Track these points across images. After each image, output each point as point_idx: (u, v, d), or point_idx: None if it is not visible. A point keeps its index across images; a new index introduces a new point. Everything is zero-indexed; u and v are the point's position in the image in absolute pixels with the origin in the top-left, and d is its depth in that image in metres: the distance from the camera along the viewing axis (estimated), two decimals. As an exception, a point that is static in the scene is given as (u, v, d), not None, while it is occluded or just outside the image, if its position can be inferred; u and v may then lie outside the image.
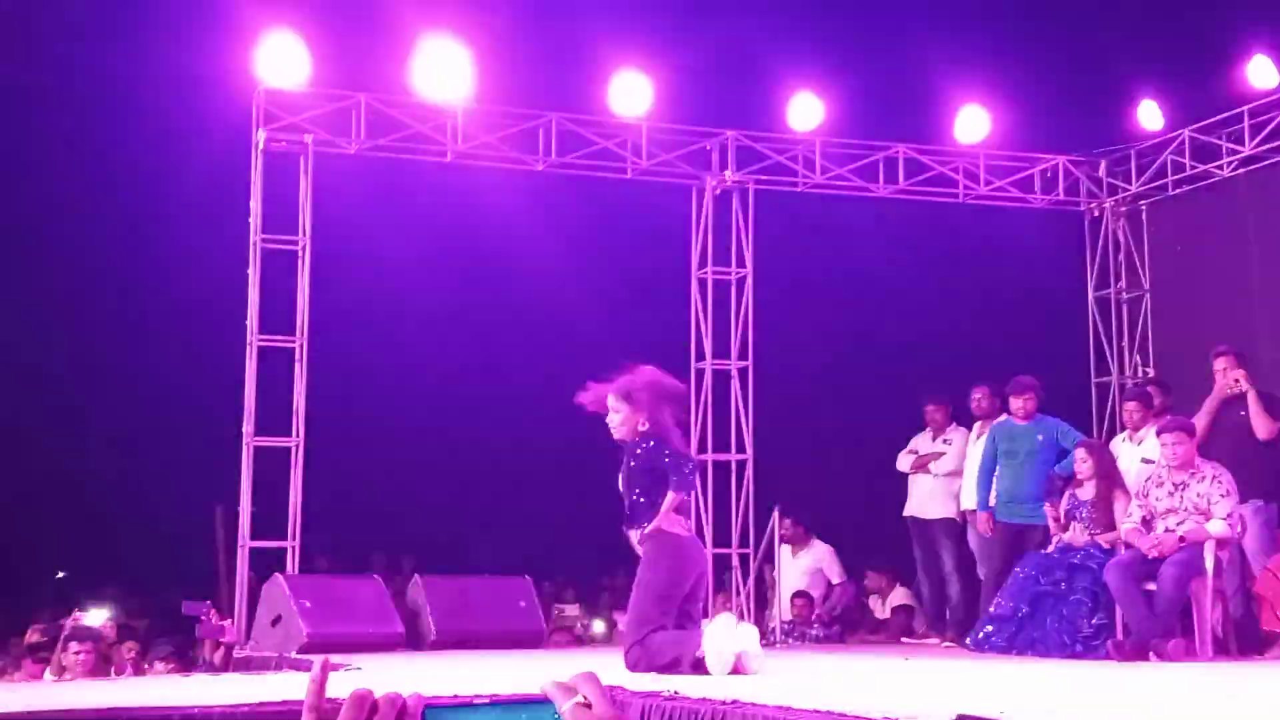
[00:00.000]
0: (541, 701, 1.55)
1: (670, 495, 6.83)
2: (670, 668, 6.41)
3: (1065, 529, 9.18)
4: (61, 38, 14.19)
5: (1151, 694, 5.84)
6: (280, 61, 10.32)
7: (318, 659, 1.59)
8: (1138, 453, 9.85)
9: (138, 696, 5.45)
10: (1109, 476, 9.17)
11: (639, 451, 6.89)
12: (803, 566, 11.86)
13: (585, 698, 1.51)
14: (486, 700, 5.26)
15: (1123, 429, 10.37)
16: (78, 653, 8.41)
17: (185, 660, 9.36)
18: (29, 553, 16.95)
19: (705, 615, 11.45)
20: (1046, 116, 12.56)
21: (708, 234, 11.44)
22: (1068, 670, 7.38)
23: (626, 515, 6.98)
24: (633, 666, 6.54)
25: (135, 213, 14.98)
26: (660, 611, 6.79)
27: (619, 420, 6.94)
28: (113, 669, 8.85)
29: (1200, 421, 9.15)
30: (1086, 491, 9.15)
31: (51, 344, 16.09)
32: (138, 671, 9.07)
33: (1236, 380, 9.29)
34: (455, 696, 5.08)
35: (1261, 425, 9.17)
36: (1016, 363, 10.73)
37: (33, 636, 9.69)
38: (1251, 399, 9.21)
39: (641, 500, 6.87)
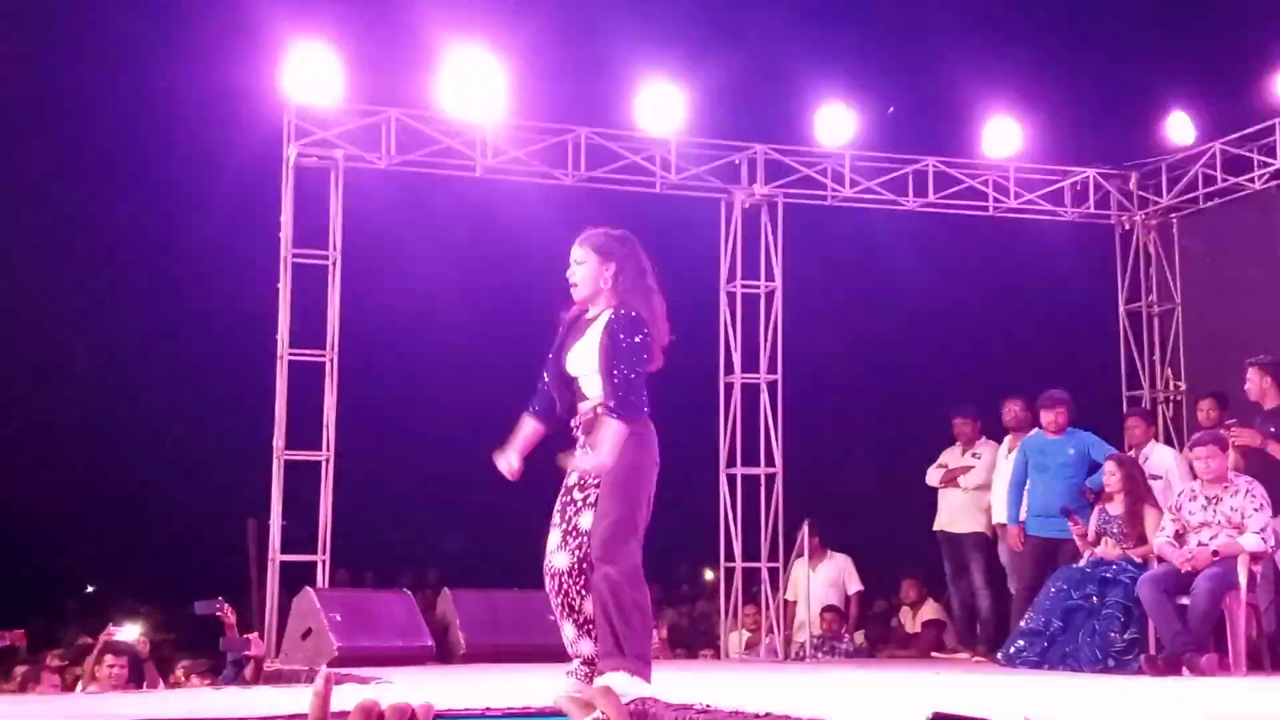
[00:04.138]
0: (554, 714, 1.53)
1: (615, 427, 5.45)
2: (624, 643, 5.32)
3: (1095, 543, 9.14)
4: (95, 54, 14.29)
5: (1184, 708, 5.80)
6: (311, 77, 10.38)
7: (321, 673, 1.58)
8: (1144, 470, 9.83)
9: (170, 708, 5.47)
10: (1138, 491, 9.14)
11: (619, 320, 5.61)
12: (825, 579, 11.83)
13: (603, 713, 1.49)
14: (499, 713, 5.27)
15: (1130, 447, 10.31)
16: (112, 666, 8.46)
17: (216, 672, 9.39)
18: (59, 567, 17.03)
19: (736, 625, 11.53)
20: (1077, 129, 12.53)
21: (737, 248, 11.44)
22: (1099, 684, 7.34)
23: (586, 400, 5.62)
24: (610, 590, 5.33)
25: (166, 227, 15.07)
26: (641, 522, 5.50)
27: (583, 273, 5.78)
28: (145, 683, 8.88)
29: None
30: (1116, 507, 9.11)
31: (82, 359, 16.18)
32: (167, 685, 9.11)
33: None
34: (466, 709, 5.08)
35: None
36: (1047, 376, 10.69)
37: (52, 661, 9.76)
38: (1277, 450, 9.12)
39: (632, 376, 5.52)
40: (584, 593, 5.52)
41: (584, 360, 5.61)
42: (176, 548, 16.05)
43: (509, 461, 5.80)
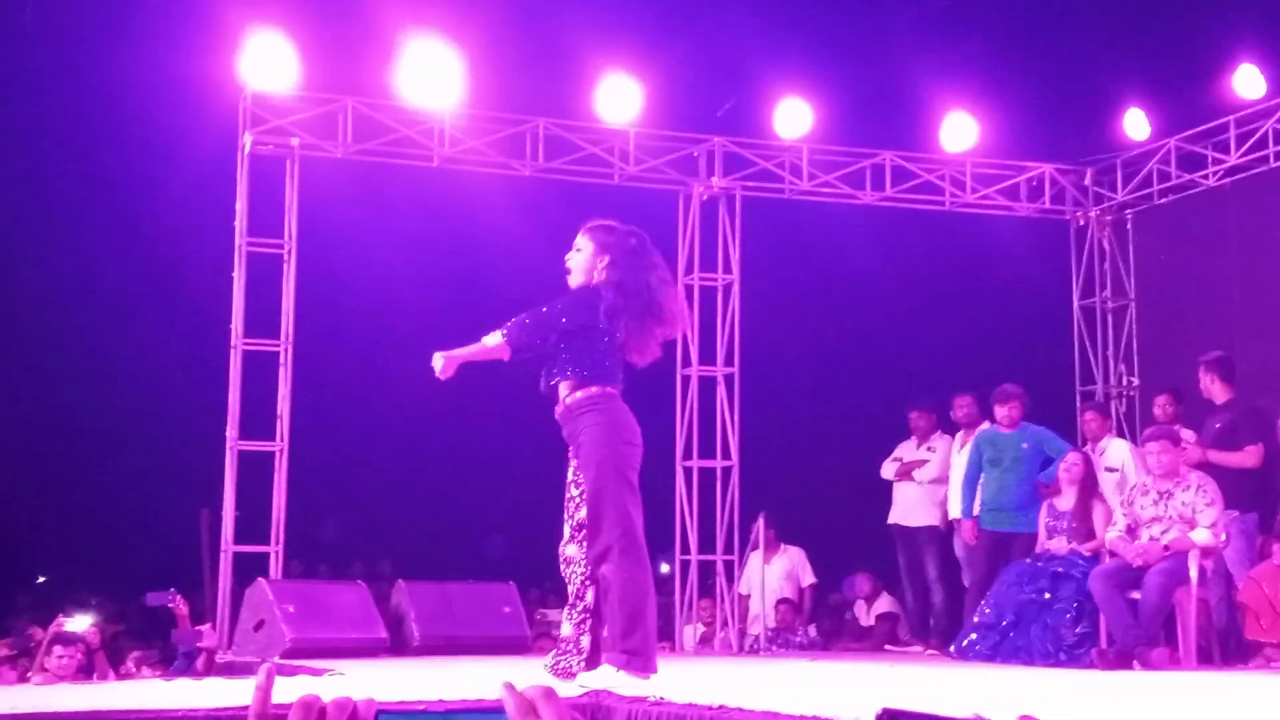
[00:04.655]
0: (494, 710, 1.51)
1: (495, 336, 5.76)
2: (629, 632, 5.52)
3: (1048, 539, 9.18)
4: (46, 39, 14.14)
5: (1134, 701, 5.84)
6: (267, 65, 10.31)
7: (263, 666, 1.56)
8: (1100, 463, 9.91)
9: (120, 700, 5.42)
10: (1091, 486, 9.20)
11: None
12: (779, 572, 11.86)
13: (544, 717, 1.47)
14: (440, 709, 5.25)
15: (1084, 441, 10.39)
16: (61, 656, 8.39)
17: (167, 663, 9.33)
18: (8, 557, 16.87)
19: (691, 618, 11.54)
20: (1033, 125, 12.58)
21: (695, 240, 11.45)
22: (1050, 677, 7.38)
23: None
24: (611, 585, 5.51)
25: (120, 215, 14.94)
26: (629, 505, 5.64)
27: (578, 260, 5.95)
28: (96, 674, 8.81)
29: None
30: (1065, 502, 9.16)
31: (34, 347, 16.02)
32: (118, 676, 9.04)
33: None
34: (405, 702, 5.06)
35: (1241, 461, 9.21)
36: (1001, 371, 10.74)
37: (1, 650, 9.68)
38: (1219, 457, 9.20)
39: (563, 353, 5.78)
40: (587, 583, 5.71)
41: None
42: (129, 538, 15.92)
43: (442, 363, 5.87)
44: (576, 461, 5.77)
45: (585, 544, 5.69)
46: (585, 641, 5.74)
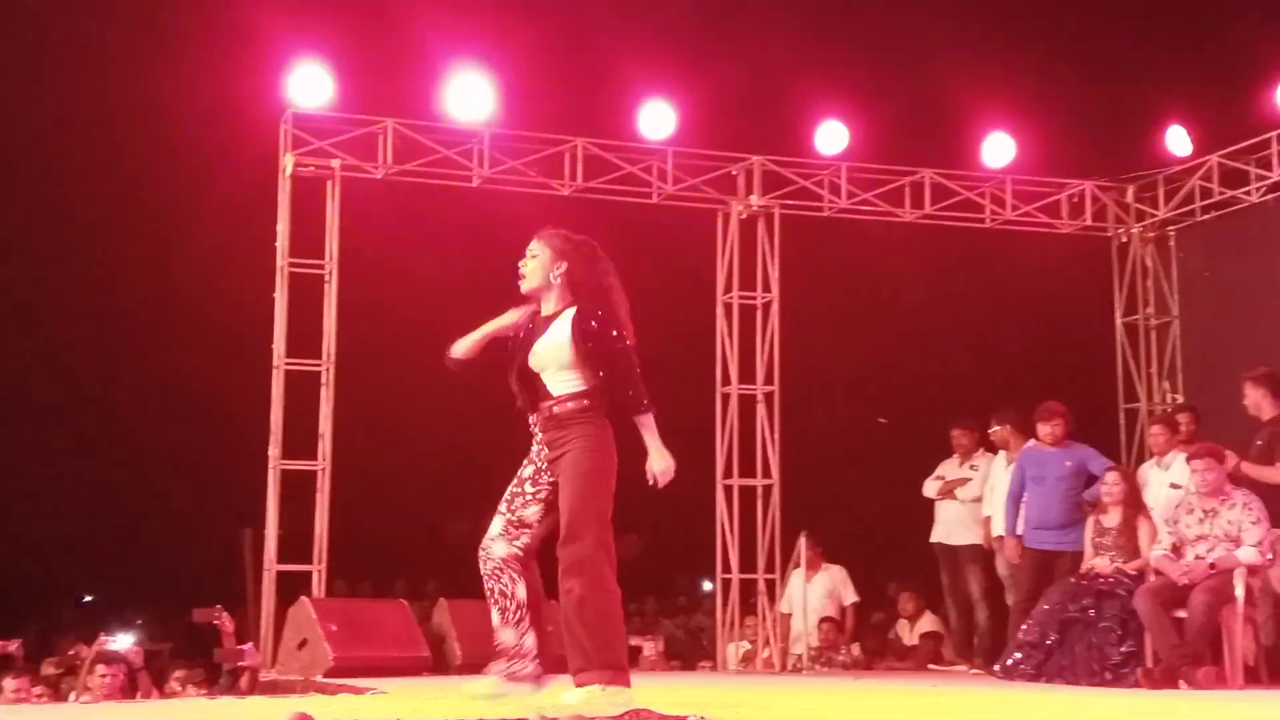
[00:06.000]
0: None
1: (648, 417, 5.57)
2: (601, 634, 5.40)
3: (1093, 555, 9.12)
4: (91, 62, 14.29)
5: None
6: (308, 86, 10.39)
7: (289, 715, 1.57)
8: (1165, 478, 9.80)
9: (163, 717, 5.45)
10: (1135, 503, 9.13)
11: (592, 324, 5.69)
12: (821, 590, 11.82)
13: None
14: None
15: (1150, 456, 10.32)
16: (104, 675, 8.43)
17: (212, 682, 9.37)
18: (54, 576, 17.00)
19: (733, 636, 11.50)
20: (1074, 142, 12.53)
21: (734, 259, 11.45)
22: (1096, 698, 7.33)
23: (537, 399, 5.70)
24: (583, 590, 5.34)
25: (163, 236, 15.05)
26: (609, 518, 5.50)
27: (533, 267, 5.93)
28: (139, 692, 8.86)
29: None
30: (1111, 519, 9.10)
31: (78, 367, 16.15)
32: (162, 694, 9.09)
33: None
34: None
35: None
36: (1044, 389, 10.67)
37: (47, 669, 9.74)
38: (1258, 472, 9.10)
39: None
40: (516, 578, 5.58)
41: (548, 357, 5.70)
42: (173, 557, 16.02)
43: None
44: (551, 466, 5.64)
45: (517, 543, 5.57)
46: (530, 641, 5.62)
